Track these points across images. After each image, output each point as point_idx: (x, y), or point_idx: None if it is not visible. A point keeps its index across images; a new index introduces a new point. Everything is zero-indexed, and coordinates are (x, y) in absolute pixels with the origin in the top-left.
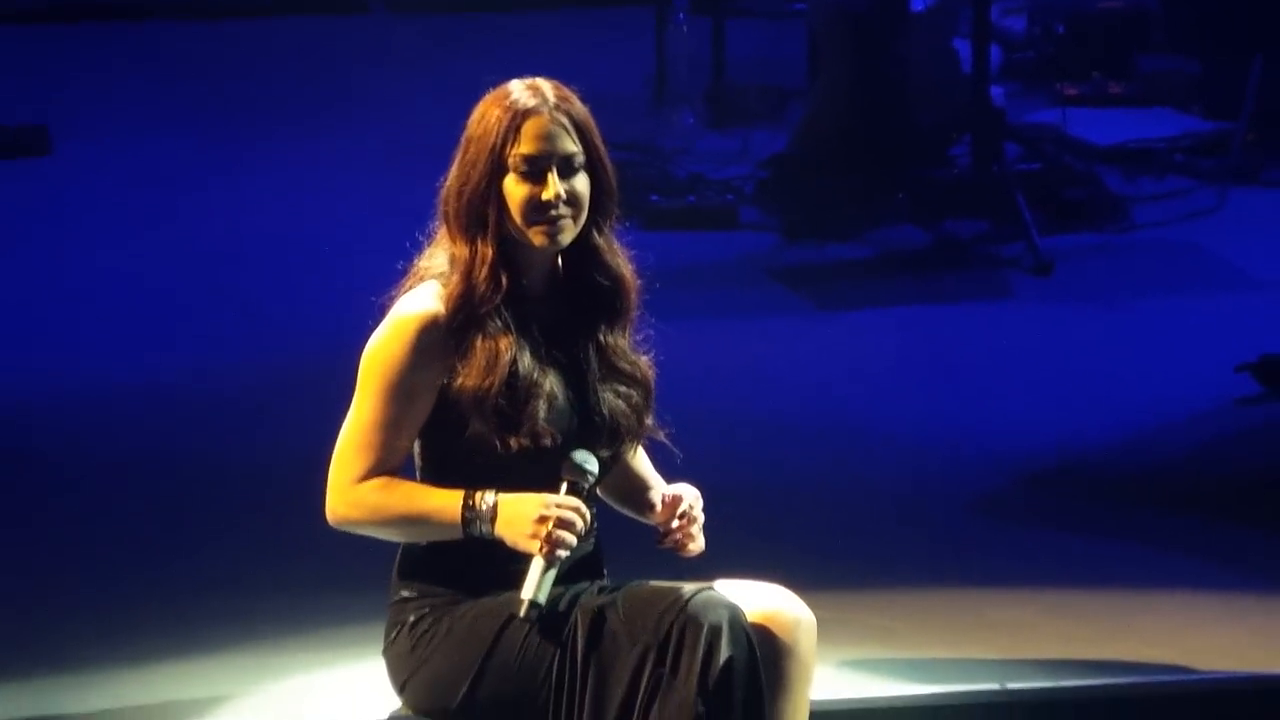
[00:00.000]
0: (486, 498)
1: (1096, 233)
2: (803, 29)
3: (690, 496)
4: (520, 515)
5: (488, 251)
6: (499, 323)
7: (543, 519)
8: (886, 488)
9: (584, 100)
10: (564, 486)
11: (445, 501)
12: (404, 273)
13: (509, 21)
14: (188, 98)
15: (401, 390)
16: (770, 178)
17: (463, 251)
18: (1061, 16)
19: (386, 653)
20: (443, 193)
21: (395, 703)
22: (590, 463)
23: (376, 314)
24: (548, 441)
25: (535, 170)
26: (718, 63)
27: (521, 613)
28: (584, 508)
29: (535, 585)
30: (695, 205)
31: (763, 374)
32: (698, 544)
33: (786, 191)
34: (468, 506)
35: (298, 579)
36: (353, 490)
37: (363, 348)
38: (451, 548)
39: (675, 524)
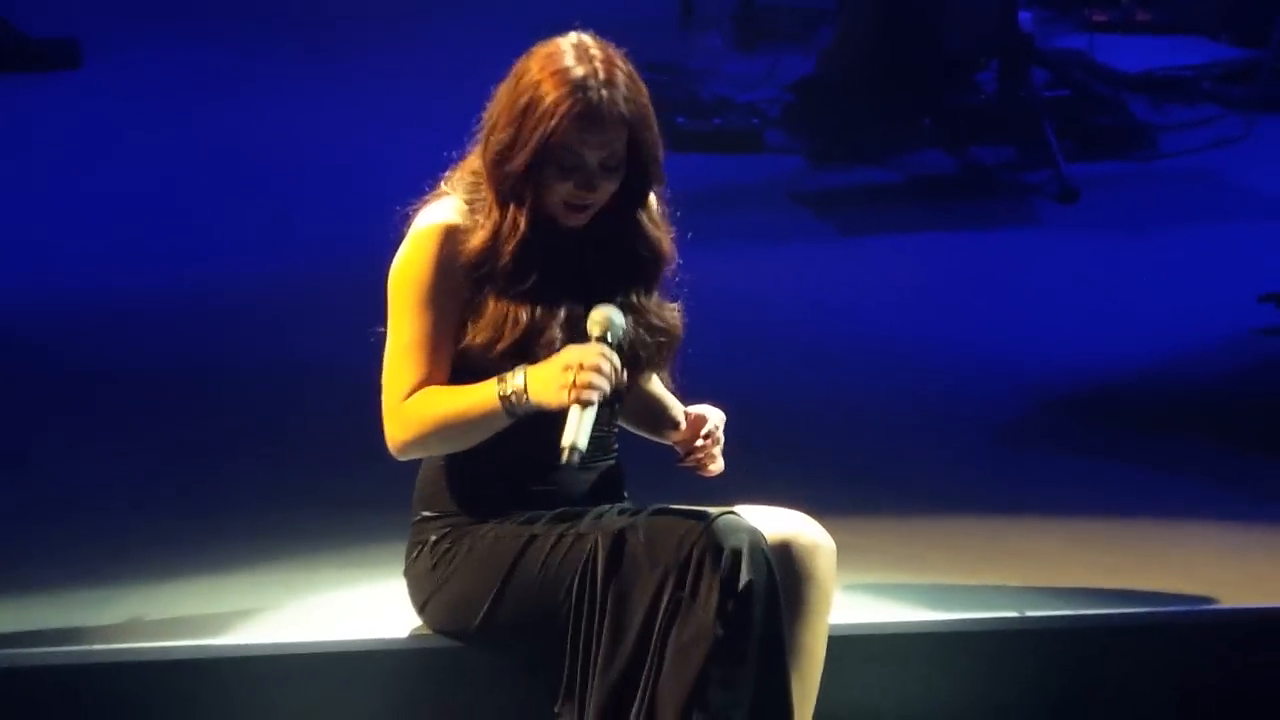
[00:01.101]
0: (515, 376)
1: (1123, 160)
2: None
3: (715, 418)
4: (548, 375)
5: (520, 224)
6: (518, 283)
7: (568, 368)
8: (909, 414)
9: (632, 64)
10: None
11: (482, 393)
12: (431, 189)
13: None
14: (221, 8)
15: (432, 302)
16: (796, 101)
17: (495, 211)
18: None
19: (407, 573)
20: (483, 140)
21: (416, 622)
22: (616, 314)
23: (401, 223)
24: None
25: (579, 169)
26: None
27: (564, 459)
28: (609, 352)
29: (575, 430)
30: (721, 127)
31: (786, 298)
32: (718, 464)
33: (813, 115)
34: (501, 387)
35: (324, 495)
36: (400, 411)
37: (392, 257)
38: (471, 468)
39: (699, 444)
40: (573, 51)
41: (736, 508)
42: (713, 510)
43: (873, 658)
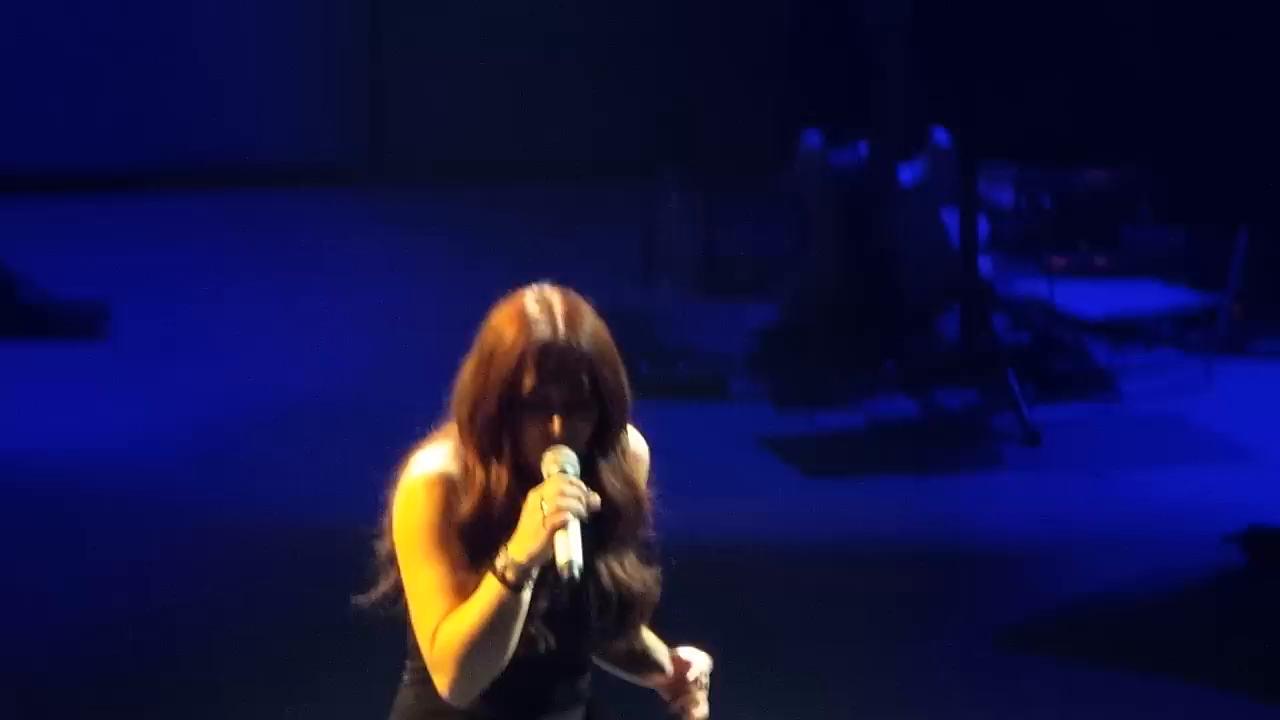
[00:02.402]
0: (500, 558)
1: (1084, 404)
2: (793, 201)
3: (701, 664)
4: (523, 531)
5: (503, 477)
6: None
7: (532, 511)
8: (874, 656)
9: (597, 310)
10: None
11: (485, 590)
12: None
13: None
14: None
15: (441, 544)
16: (760, 347)
17: (479, 471)
18: (1048, 188)
19: None
20: (455, 400)
21: None
22: (565, 451)
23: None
24: (541, 647)
25: (543, 408)
26: (707, 233)
27: (564, 576)
28: (566, 477)
29: (565, 551)
30: (686, 375)
31: (753, 543)
32: (702, 710)
33: (777, 361)
34: (500, 575)
35: None
36: (434, 656)
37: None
38: (442, 716)
39: (685, 690)
40: (533, 297)
41: None
42: None
43: None
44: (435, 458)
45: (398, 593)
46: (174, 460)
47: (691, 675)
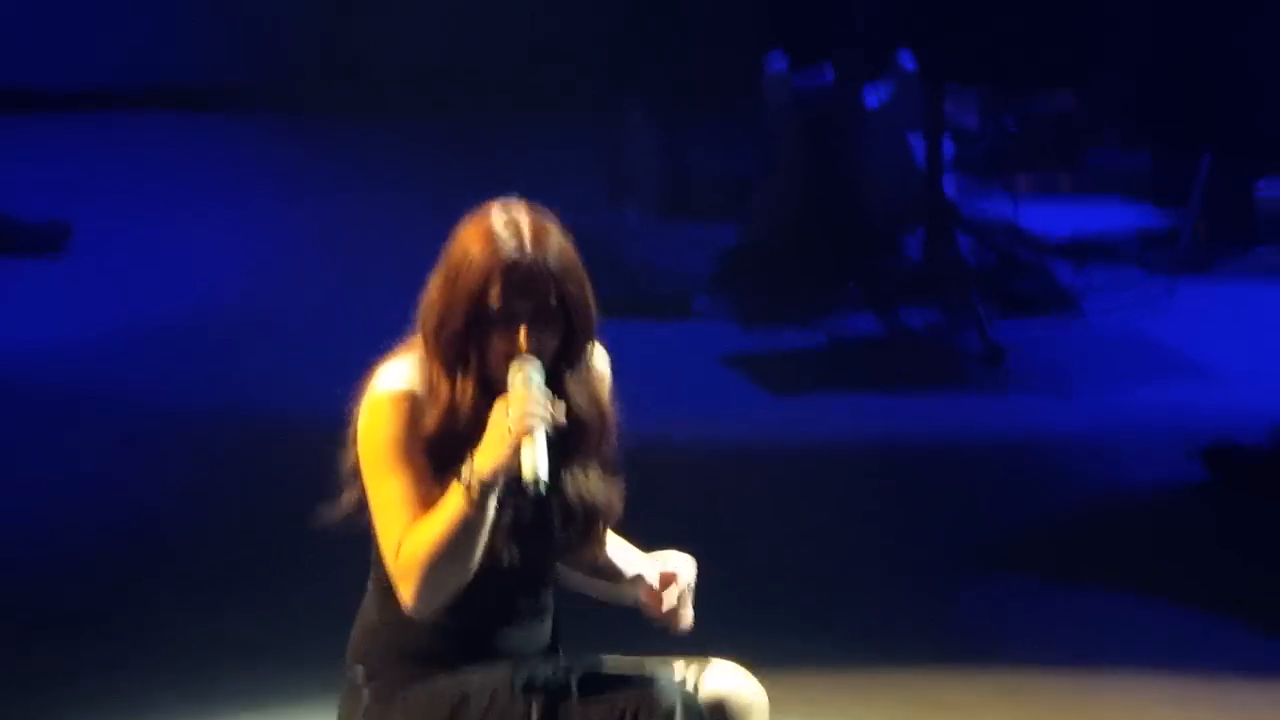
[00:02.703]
0: (465, 470)
1: (1047, 322)
2: (759, 122)
3: (686, 575)
4: (488, 442)
5: (468, 390)
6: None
7: (497, 423)
8: (842, 569)
9: (563, 227)
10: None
11: (449, 501)
12: (371, 368)
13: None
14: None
15: (406, 457)
16: (724, 267)
17: (444, 385)
18: (1012, 110)
19: None
20: (421, 315)
21: None
22: (530, 363)
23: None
24: (505, 561)
25: (510, 322)
26: (673, 156)
27: (530, 491)
28: (531, 388)
29: (531, 462)
30: (650, 293)
31: (718, 460)
32: (688, 620)
33: (740, 280)
34: (465, 487)
35: (254, 656)
36: (398, 568)
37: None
38: (405, 626)
39: (671, 604)
40: (500, 214)
41: (670, 659)
42: (648, 666)
43: None
44: (400, 371)
45: (361, 505)
46: (136, 361)
47: (677, 586)
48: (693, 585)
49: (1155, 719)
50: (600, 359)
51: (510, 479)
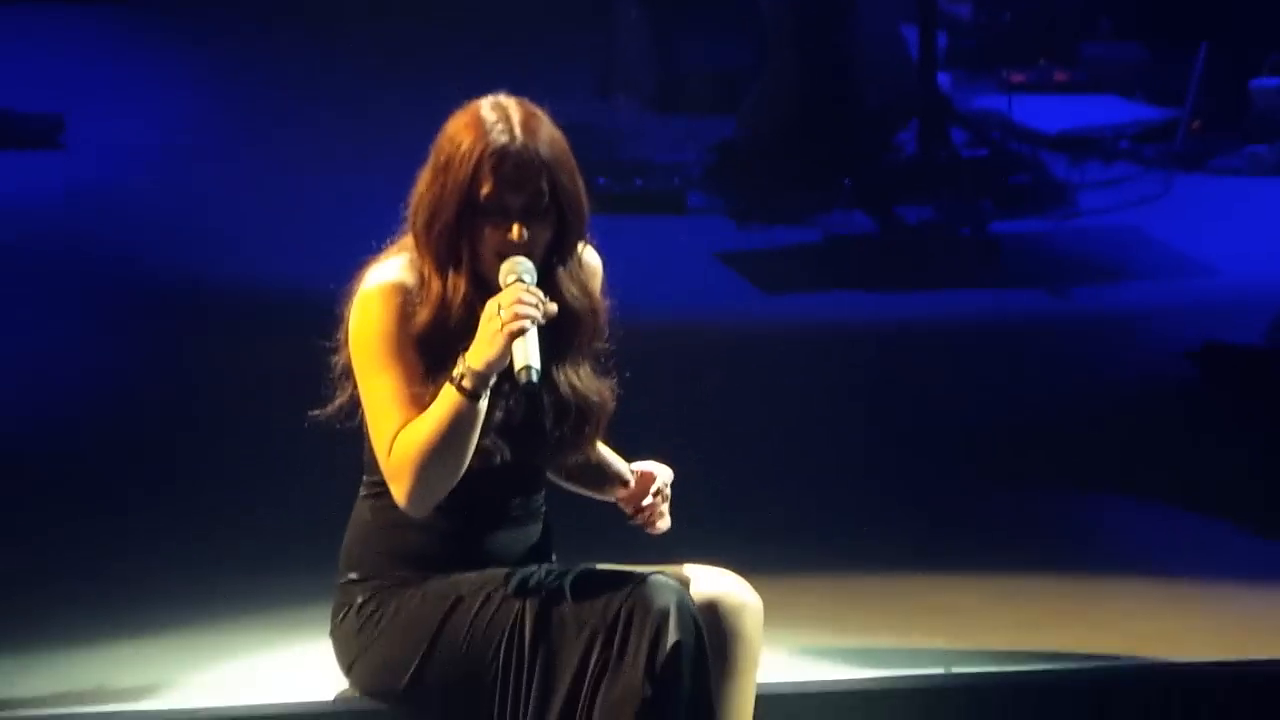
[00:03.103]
0: (458, 366)
1: (1042, 218)
2: (753, 14)
3: (663, 475)
4: (480, 339)
5: (460, 286)
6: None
7: (491, 318)
8: (833, 472)
9: (554, 120)
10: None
11: (443, 399)
12: (382, 248)
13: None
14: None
15: (395, 356)
16: (718, 162)
17: (436, 281)
18: (1007, 3)
19: (334, 634)
20: (411, 210)
21: (342, 684)
22: (522, 261)
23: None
24: (496, 459)
25: (502, 215)
26: (665, 48)
27: (522, 381)
28: (522, 284)
29: (523, 355)
30: (643, 189)
31: (711, 356)
32: (665, 521)
33: (734, 176)
34: (457, 383)
35: (246, 555)
36: (390, 465)
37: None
38: (398, 530)
39: (648, 501)
40: (489, 105)
41: (664, 567)
42: (640, 570)
43: (801, 716)
44: (391, 268)
45: (354, 407)
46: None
47: (653, 487)
48: (669, 489)
49: (1150, 621)
50: (592, 255)
51: (501, 377)
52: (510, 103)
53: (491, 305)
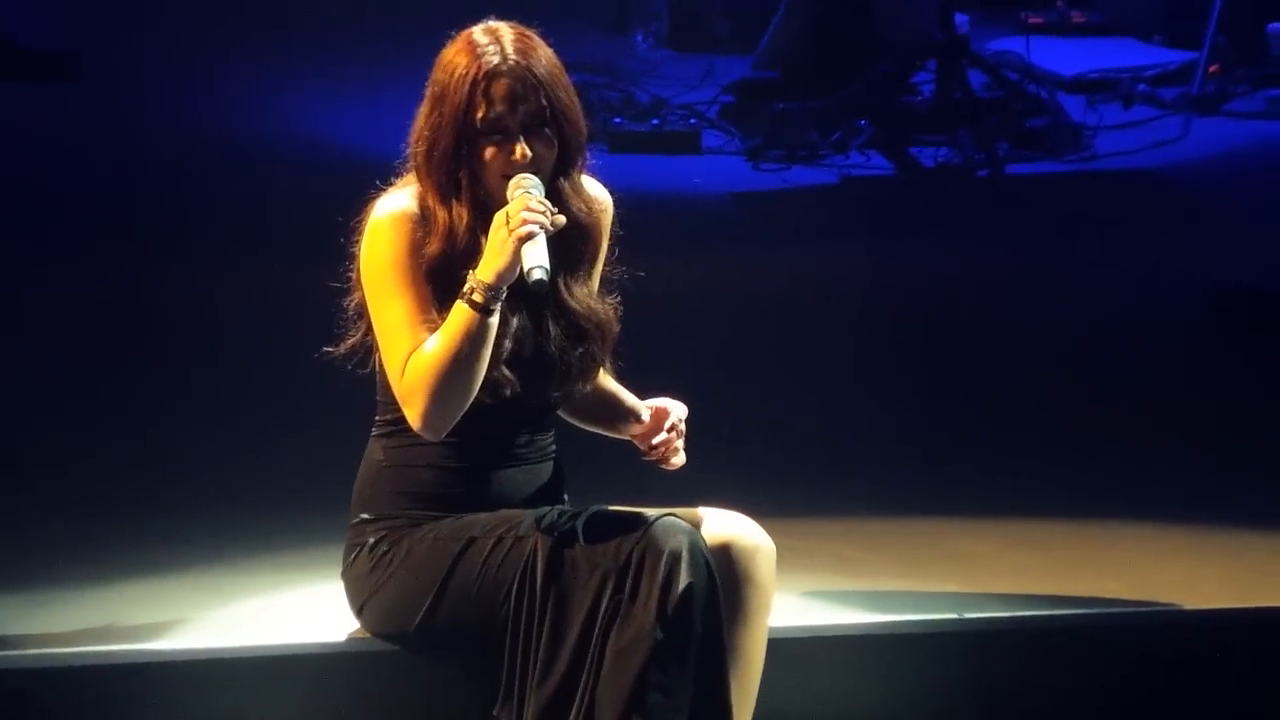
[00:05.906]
0: (470, 280)
1: (1058, 161)
2: None
3: (677, 411)
4: (489, 251)
5: (464, 214)
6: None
7: (499, 228)
8: (847, 418)
9: (546, 39)
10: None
11: (454, 315)
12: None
13: None
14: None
15: (410, 278)
16: (734, 102)
17: (440, 211)
18: None
19: (345, 575)
20: (412, 142)
21: (354, 625)
22: (528, 178)
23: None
24: (507, 391)
25: (502, 133)
26: None
27: (531, 280)
28: (529, 194)
29: (532, 259)
30: (659, 129)
31: (725, 298)
32: (680, 457)
33: (750, 116)
34: (468, 298)
35: (259, 497)
36: (404, 388)
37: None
38: (410, 470)
39: (662, 436)
40: (480, 30)
41: (676, 509)
42: (652, 512)
43: (812, 660)
44: (400, 198)
45: (366, 352)
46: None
47: (668, 423)
48: (683, 424)
49: (1161, 569)
50: (603, 191)
51: (510, 297)
52: (501, 26)
53: (499, 216)
